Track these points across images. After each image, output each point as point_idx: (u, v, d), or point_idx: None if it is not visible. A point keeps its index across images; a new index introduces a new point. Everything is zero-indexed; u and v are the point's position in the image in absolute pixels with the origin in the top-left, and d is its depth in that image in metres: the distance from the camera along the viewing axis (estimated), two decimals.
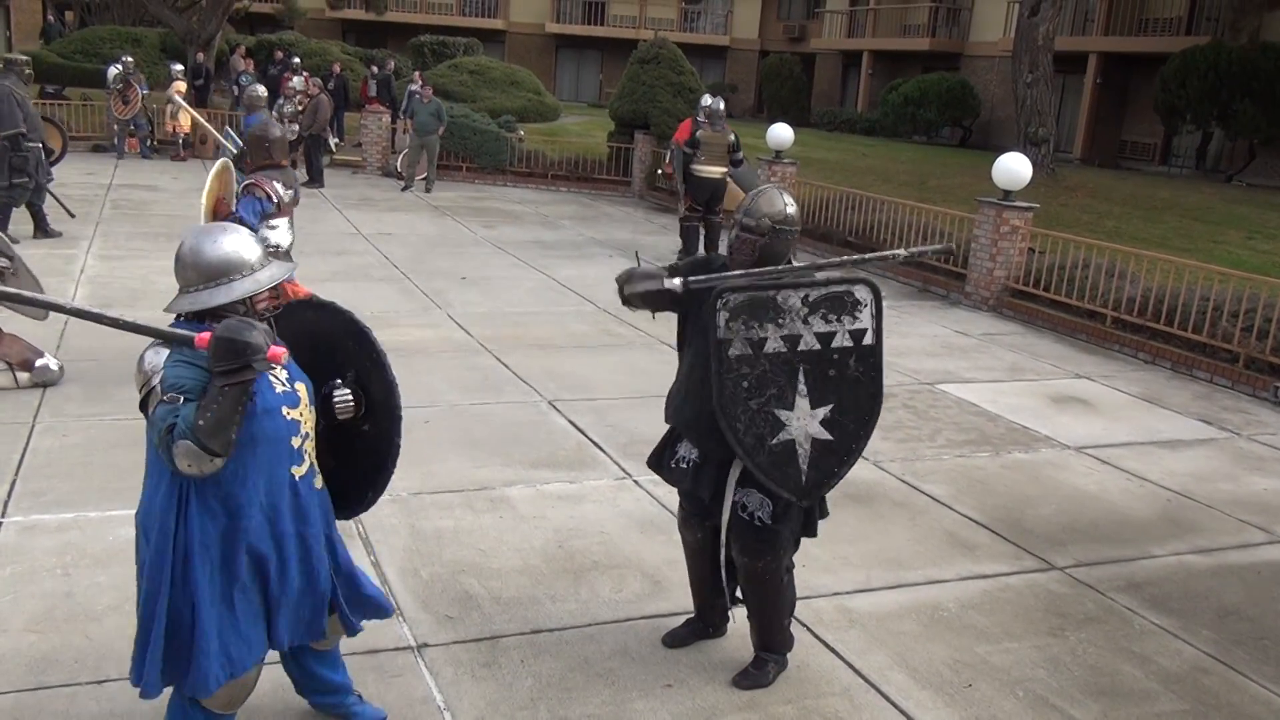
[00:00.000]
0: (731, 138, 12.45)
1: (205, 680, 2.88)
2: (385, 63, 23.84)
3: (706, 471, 3.72)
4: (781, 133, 14.36)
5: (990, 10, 29.07)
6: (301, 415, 2.98)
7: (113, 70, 18.43)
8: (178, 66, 20.04)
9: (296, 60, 21.19)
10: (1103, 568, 5.11)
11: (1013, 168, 10.71)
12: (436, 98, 17.91)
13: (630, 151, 18.75)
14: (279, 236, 6.44)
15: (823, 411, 3.49)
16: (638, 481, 5.71)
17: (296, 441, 2.96)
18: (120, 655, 2.92)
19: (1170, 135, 24.90)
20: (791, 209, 3.65)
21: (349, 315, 3.23)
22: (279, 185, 6.39)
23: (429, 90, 17.81)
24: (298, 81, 17.32)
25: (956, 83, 28.28)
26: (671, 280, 3.57)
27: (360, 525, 4.92)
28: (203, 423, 2.62)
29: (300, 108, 16.57)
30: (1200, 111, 21.57)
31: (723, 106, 12.81)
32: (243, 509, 2.86)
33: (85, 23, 31.28)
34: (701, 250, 12.38)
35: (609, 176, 19.10)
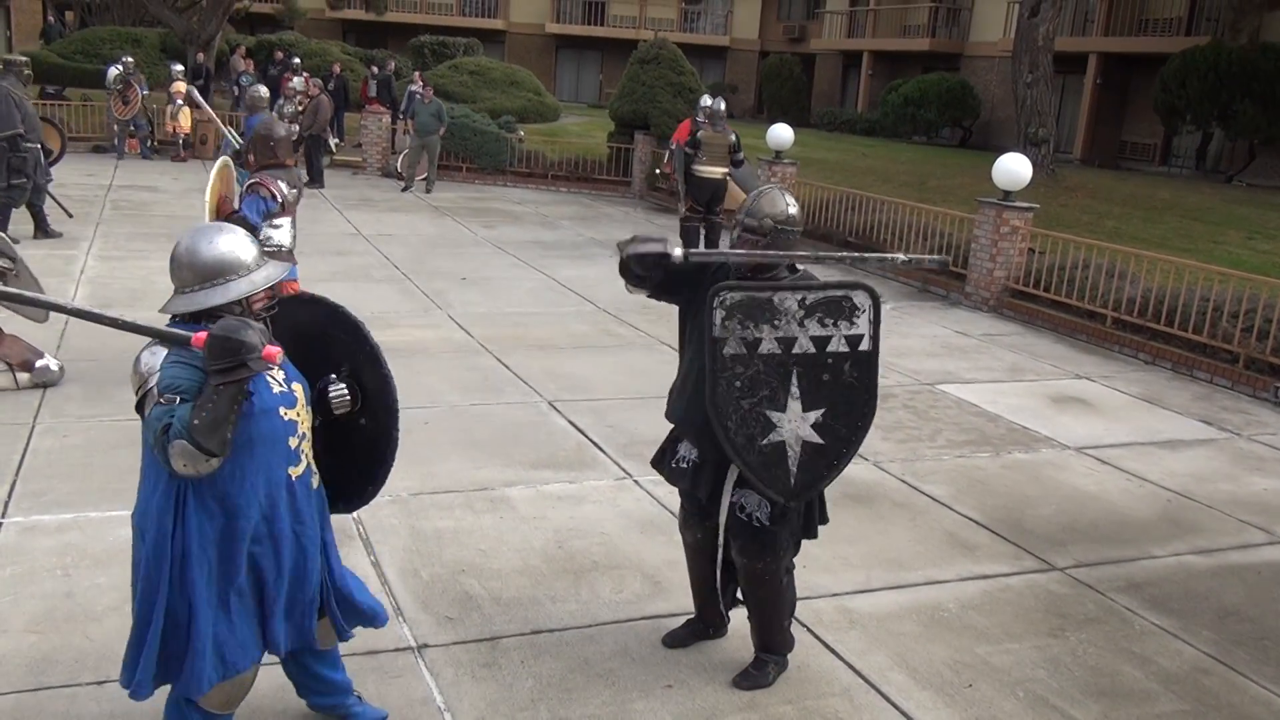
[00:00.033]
0: (732, 138, 12.44)
1: (199, 681, 2.88)
2: (385, 63, 23.85)
3: (705, 472, 3.72)
4: (781, 133, 14.36)
5: (990, 10, 29.08)
6: (298, 415, 2.98)
7: (113, 71, 18.43)
8: (178, 67, 20.07)
9: (296, 61, 21.18)
10: (1103, 568, 5.11)
11: (1013, 168, 10.71)
12: (437, 98, 17.92)
13: (630, 152, 18.75)
14: (282, 236, 6.42)
15: (814, 415, 3.48)
16: (638, 482, 5.72)
17: (294, 442, 2.96)
18: (120, 656, 2.93)
19: (1170, 136, 24.90)
20: (793, 209, 3.65)
21: (340, 309, 3.22)
22: (283, 184, 6.37)
23: (430, 91, 17.83)
24: (298, 82, 17.32)
25: (956, 83, 28.29)
26: (675, 249, 3.55)
27: (360, 526, 4.93)
28: (198, 422, 2.61)
29: (300, 108, 16.57)
30: (1200, 112, 21.58)
31: (724, 107, 12.81)
32: (241, 509, 2.86)
33: (85, 23, 31.29)
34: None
35: (609, 177, 19.10)
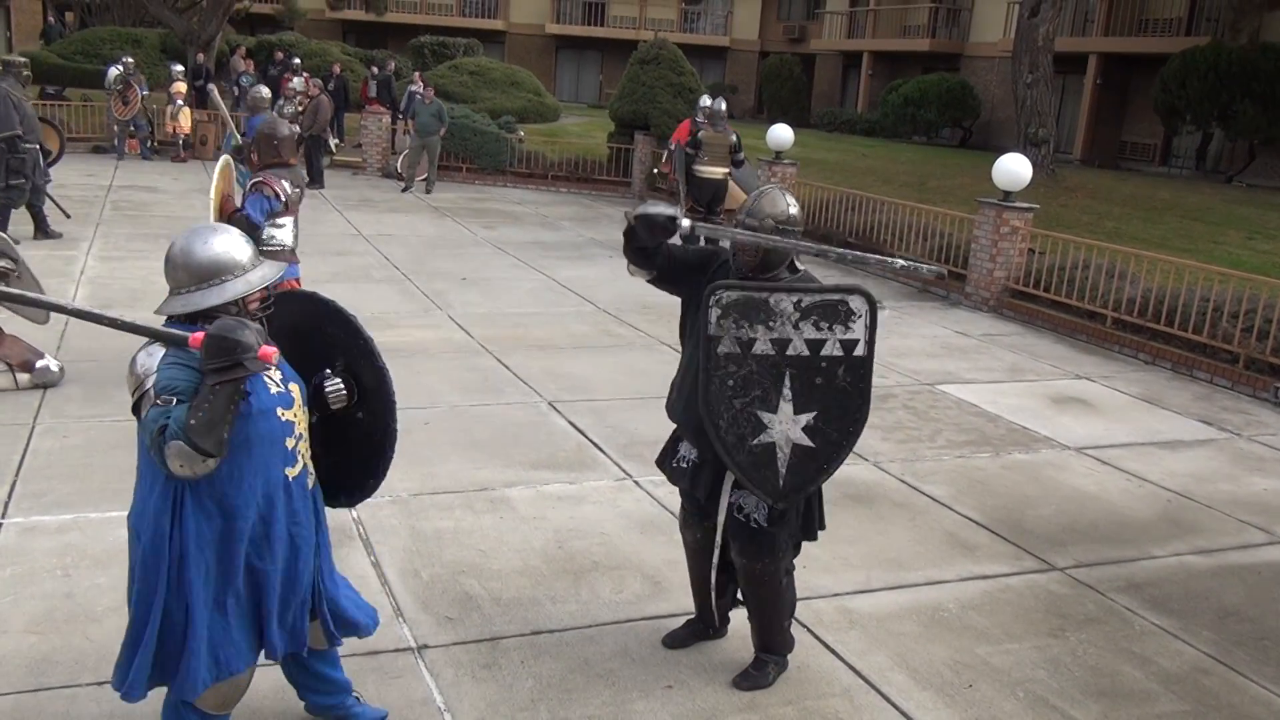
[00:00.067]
0: (733, 138, 12.46)
1: (194, 683, 2.87)
2: (385, 63, 23.86)
3: (704, 472, 3.73)
4: (782, 133, 14.37)
5: (990, 11, 29.08)
6: (295, 416, 2.98)
7: (113, 71, 18.43)
8: (178, 67, 20.07)
9: (297, 61, 21.19)
10: (1103, 568, 5.11)
11: (1013, 168, 10.71)
12: (438, 99, 17.93)
13: (630, 152, 18.75)
14: (284, 235, 6.40)
15: (806, 418, 3.48)
16: (638, 482, 5.72)
17: (291, 442, 2.96)
18: None
19: (1170, 136, 24.90)
20: (794, 209, 3.65)
21: (332, 304, 3.21)
22: (286, 183, 6.34)
23: (431, 91, 17.84)
24: (298, 82, 17.34)
25: (956, 83, 28.29)
26: (683, 218, 3.56)
27: (360, 526, 4.93)
28: (195, 422, 2.61)
29: (300, 108, 16.58)
30: (1200, 112, 21.58)
31: (724, 107, 12.83)
32: (238, 510, 2.86)
33: (85, 24, 31.29)
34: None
35: (609, 177, 19.10)
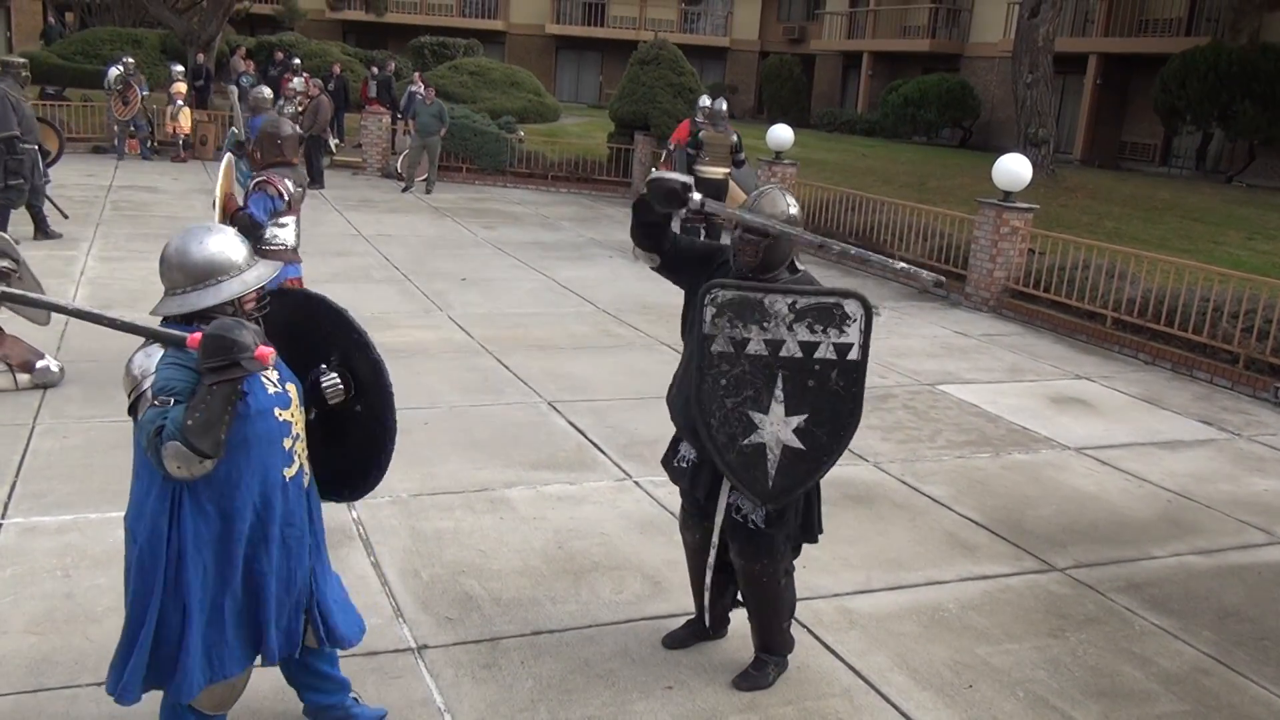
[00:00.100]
0: (734, 138, 12.46)
1: (189, 686, 2.86)
2: (385, 64, 23.85)
3: (703, 472, 3.73)
4: (782, 134, 14.37)
5: (990, 11, 29.07)
6: (293, 416, 2.97)
7: (113, 71, 18.43)
8: (178, 68, 20.07)
9: (297, 61, 21.18)
10: (1103, 568, 5.11)
11: (1013, 169, 10.72)
12: (439, 99, 17.93)
13: (630, 153, 18.74)
14: (287, 235, 6.39)
15: (797, 420, 3.47)
16: (638, 483, 5.72)
17: (288, 443, 2.95)
18: None
19: (1170, 136, 24.91)
20: (794, 209, 3.65)
21: (324, 299, 3.22)
22: (289, 182, 6.34)
23: (431, 92, 17.84)
24: (298, 82, 17.34)
25: (956, 84, 28.28)
26: (694, 193, 3.59)
27: (360, 527, 4.93)
28: (191, 423, 2.60)
29: (300, 109, 16.58)
30: (1200, 112, 21.58)
31: (725, 107, 12.83)
32: (237, 511, 2.85)
33: (85, 24, 31.30)
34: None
35: (609, 178, 19.10)
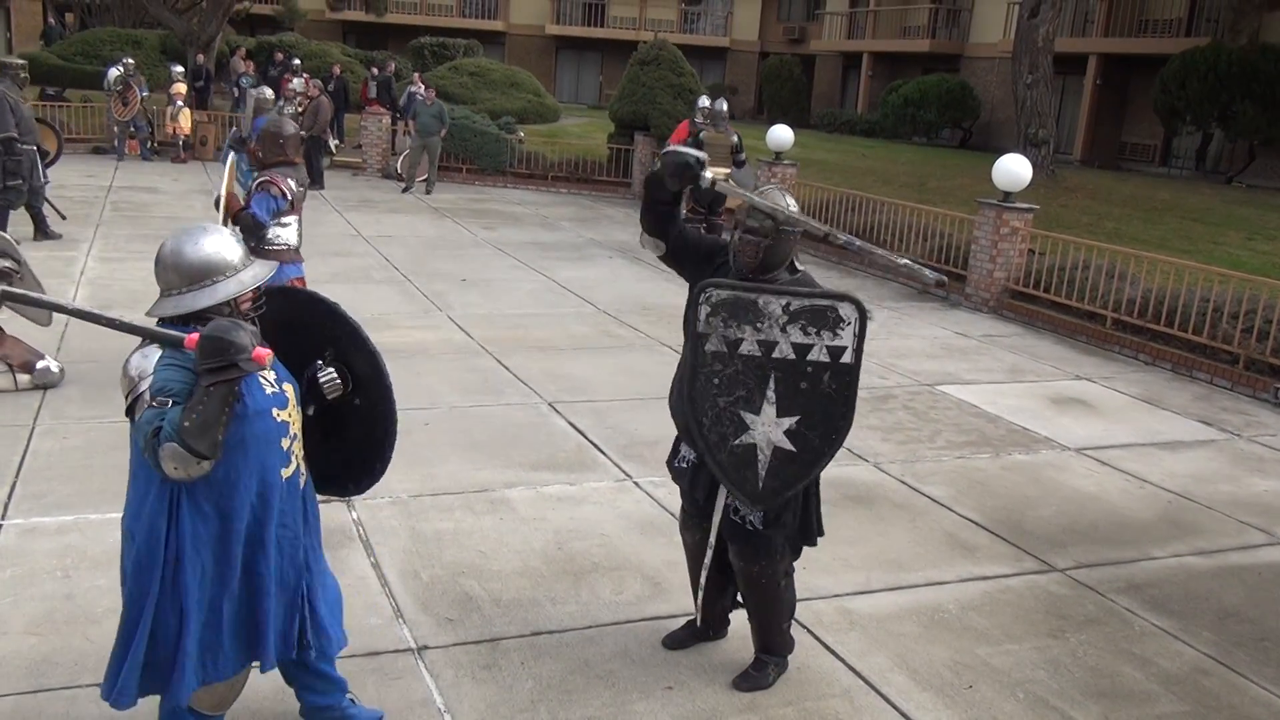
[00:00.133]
0: (734, 139, 12.44)
1: (184, 688, 2.86)
2: (385, 64, 23.84)
3: (703, 472, 3.72)
4: (781, 134, 14.37)
5: (990, 12, 29.08)
6: (290, 416, 2.97)
7: (113, 72, 18.42)
8: (178, 68, 20.08)
9: (297, 62, 21.17)
10: (1103, 569, 5.11)
11: (1013, 169, 10.71)
12: (439, 100, 17.93)
13: (630, 153, 18.75)
14: (290, 235, 6.39)
15: (788, 422, 3.47)
16: (638, 483, 5.72)
17: (286, 443, 2.95)
18: None
19: (1170, 136, 24.91)
20: (794, 209, 3.65)
21: (315, 295, 3.23)
22: (291, 182, 6.32)
23: (432, 93, 17.84)
24: (298, 83, 17.30)
25: (956, 84, 28.29)
26: (707, 171, 3.60)
27: (360, 528, 4.93)
28: (189, 424, 2.59)
29: (300, 109, 16.57)
30: (1200, 113, 21.58)
31: (725, 107, 12.82)
32: (235, 511, 2.84)
33: (85, 25, 31.31)
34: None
35: (609, 178, 19.10)
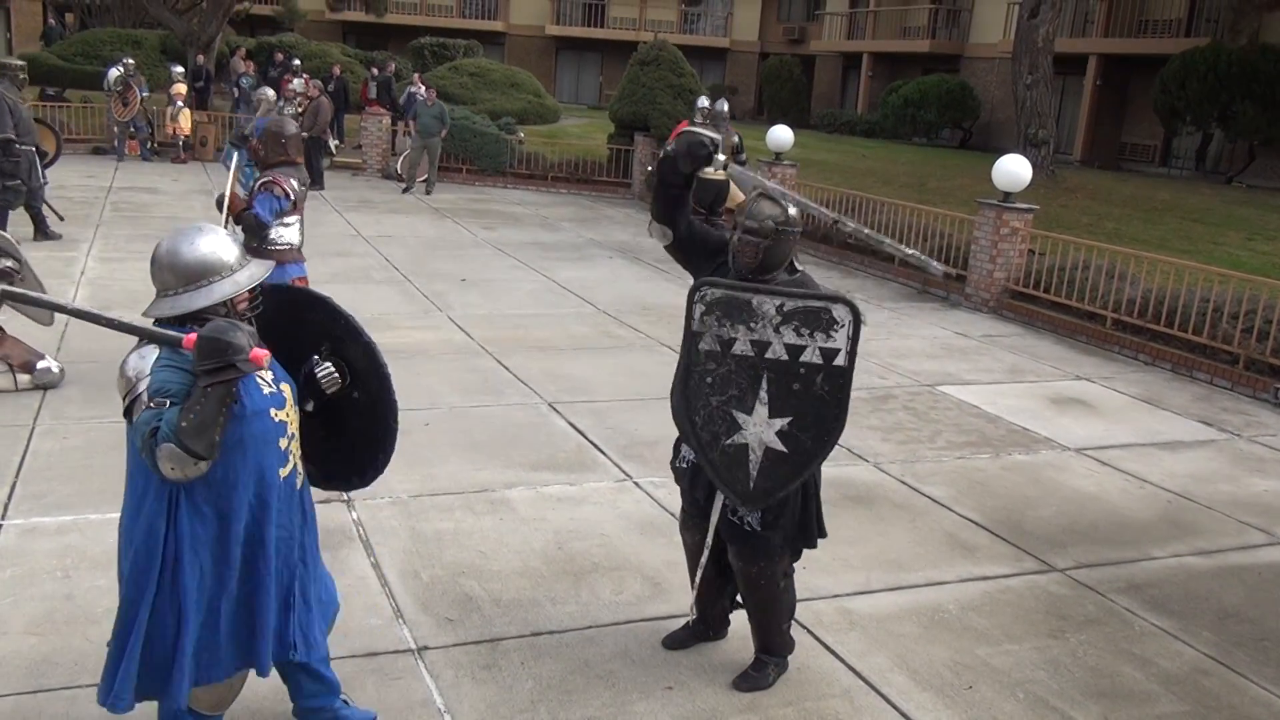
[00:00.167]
0: (735, 139, 12.44)
1: (180, 690, 2.85)
2: (385, 65, 23.84)
3: (703, 473, 3.72)
4: (782, 134, 14.37)
5: (990, 12, 29.07)
6: (288, 416, 2.97)
7: (113, 72, 18.41)
8: (178, 69, 20.07)
9: (297, 62, 21.17)
10: (1103, 569, 5.11)
11: (1013, 169, 10.72)
12: (440, 100, 17.93)
13: (630, 154, 18.75)
14: (292, 235, 6.39)
15: (780, 423, 3.46)
16: (638, 483, 5.72)
17: (283, 443, 2.95)
18: None
19: (1170, 137, 24.91)
20: (793, 210, 3.65)
21: (307, 291, 3.24)
22: (294, 182, 6.32)
23: (433, 93, 17.84)
24: (298, 84, 17.33)
25: (956, 84, 28.28)
26: (720, 154, 3.65)
27: (360, 528, 4.93)
28: (186, 424, 2.59)
29: (300, 110, 16.58)
30: (1200, 113, 21.58)
31: (726, 108, 12.83)
32: (233, 511, 2.84)
33: (85, 25, 31.29)
34: None
35: (609, 179, 19.10)
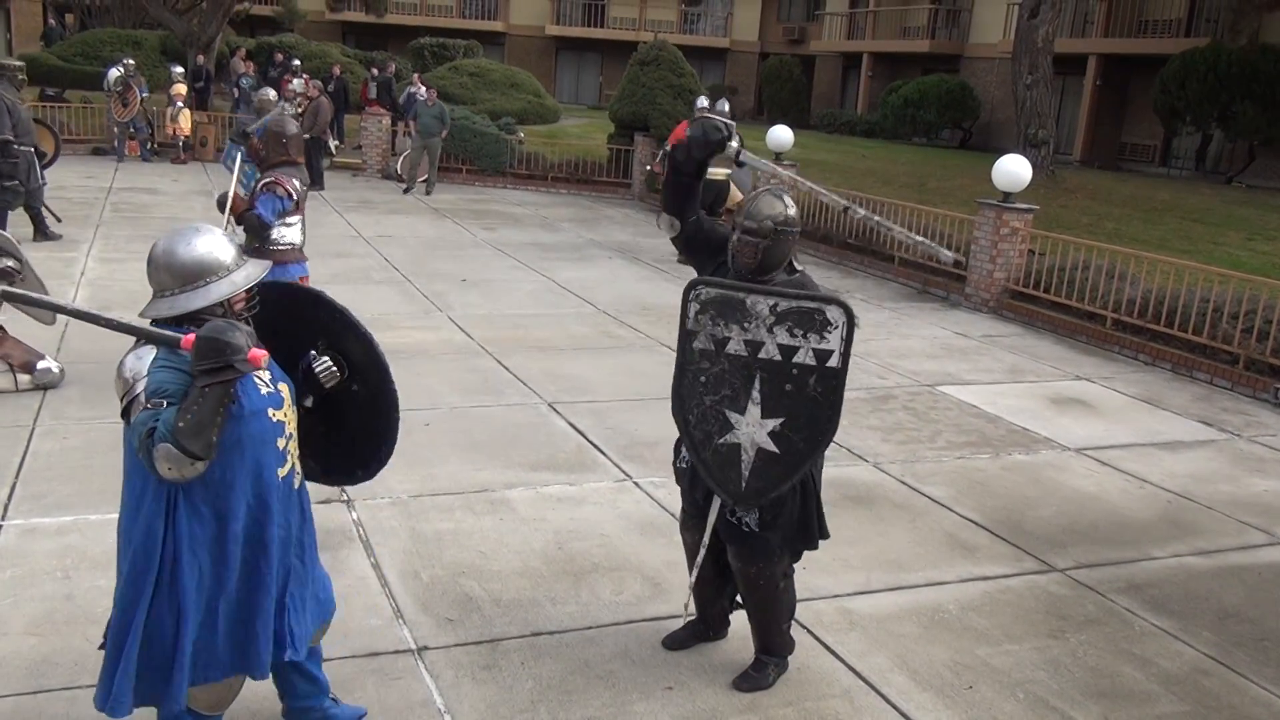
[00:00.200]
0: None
1: (179, 691, 2.85)
2: (385, 65, 23.84)
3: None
4: (781, 135, 14.36)
5: (990, 12, 29.08)
6: (286, 416, 2.97)
7: (113, 73, 18.41)
8: (178, 69, 20.08)
9: (297, 63, 21.16)
10: (1103, 569, 5.11)
11: (1012, 169, 10.71)
12: (441, 101, 17.94)
13: (630, 154, 18.75)
14: (294, 234, 6.39)
15: (772, 423, 3.46)
16: (638, 484, 5.72)
17: (281, 443, 2.94)
18: None
19: (1170, 137, 24.91)
20: (792, 210, 3.64)
21: (301, 287, 3.25)
22: (296, 182, 6.32)
23: (434, 93, 17.85)
24: (298, 84, 17.34)
25: (956, 85, 28.29)
26: (734, 140, 3.69)
27: (360, 528, 4.93)
28: (183, 424, 2.58)
29: (300, 110, 16.58)
30: (1200, 113, 21.59)
31: (727, 108, 12.86)
32: (231, 511, 2.84)
33: (85, 25, 31.30)
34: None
35: (609, 179, 19.10)
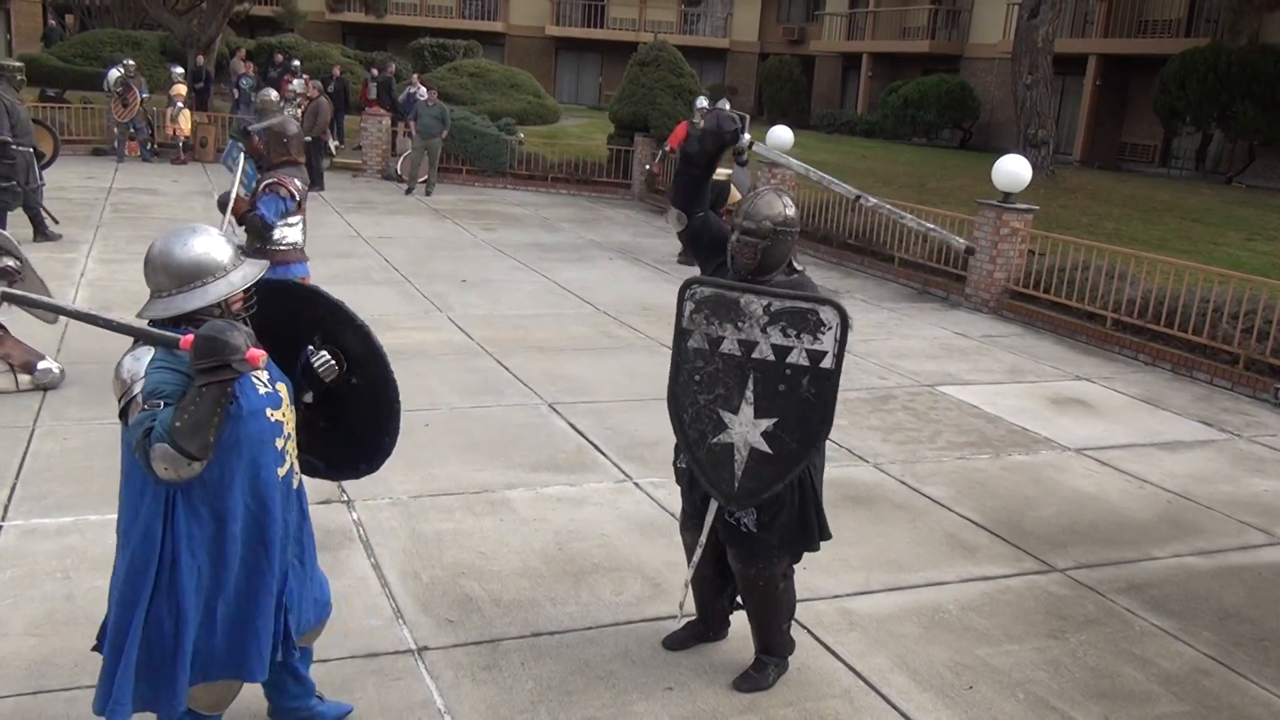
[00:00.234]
0: None
1: (179, 692, 2.85)
2: (385, 65, 23.85)
3: None
4: (781, 135, 14.36)
5: (989, 12, 29.08)
6: (284, 416, 2.96)
7: (113, 73, 18.41)
8: (178, 70, 20.09)
9: (296, 63, 21.18)
10: (1103, 569, 5.11)
11: (1012, 170, 10.71)
12: (441, 101, 17.94)
13: (630, 154, 18.75)
14: (296, 235, 6.39)
15: (766, 424, 3.46)
16: (638, 484, 5.72)
17: (280, 443, 2.94)
18: None
19: (1170, 137, 24.92)
20: (791, 210, 3.64)
21: (297, 284, 3.25)
22: (297, 182, 6.31)
23: (434, 94, 17.85)
24: (298, 84, 17.35)
25: (956, 85, 28.30)
26: (745, 134, 3.71)
27: (361, 529, 4.93)
28: (180, 425, 2.57)
29: (300, 110, 16.58)
30: (1200, 113, 21.59)
31: (727, 107, 12.84)
32: (230, 512, 2.84)
33: (86, 26, 31.30)
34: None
35: (609, 179, 19.10)
